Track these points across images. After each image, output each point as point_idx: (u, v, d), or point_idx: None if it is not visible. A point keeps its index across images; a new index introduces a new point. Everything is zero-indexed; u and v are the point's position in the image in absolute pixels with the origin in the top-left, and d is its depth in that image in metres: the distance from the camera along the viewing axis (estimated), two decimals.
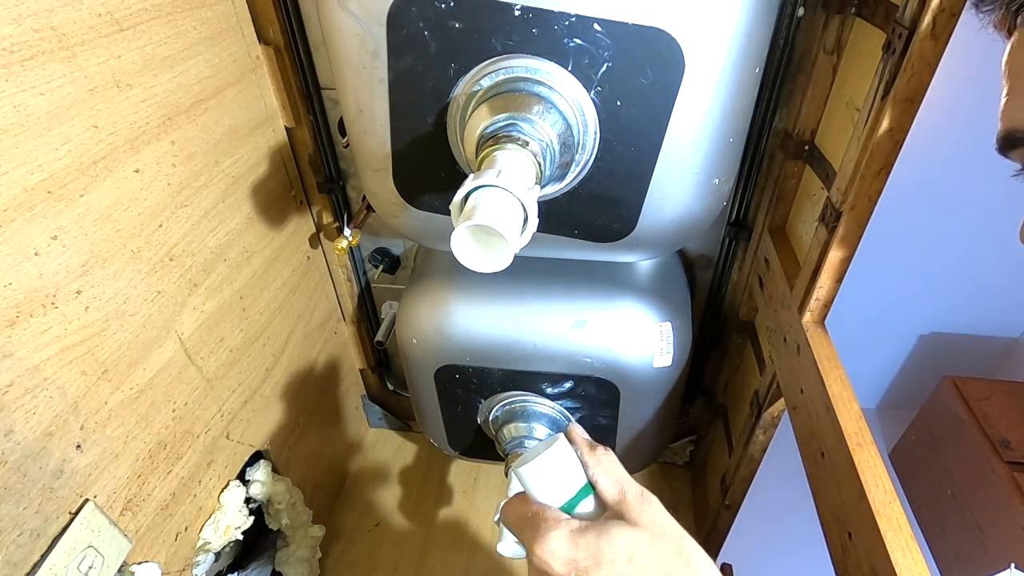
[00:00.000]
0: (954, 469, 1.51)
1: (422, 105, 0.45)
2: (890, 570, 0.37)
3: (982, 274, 1.71)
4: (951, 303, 1.80)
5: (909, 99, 0.41)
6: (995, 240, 1.62)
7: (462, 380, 0.65)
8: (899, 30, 0.40)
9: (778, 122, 0.64)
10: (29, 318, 0.39)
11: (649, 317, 0.61)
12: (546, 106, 0.40)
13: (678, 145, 0.44)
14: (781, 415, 0.66)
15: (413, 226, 0.55)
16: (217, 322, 0.60)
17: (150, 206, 0.50)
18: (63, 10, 0.40)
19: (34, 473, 0.40)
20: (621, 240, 0.52)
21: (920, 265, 1.72)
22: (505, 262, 0.35)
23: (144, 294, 0.50)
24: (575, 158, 0.44)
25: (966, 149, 1.45)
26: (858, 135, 0.45)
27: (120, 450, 0.48)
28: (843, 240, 0.49)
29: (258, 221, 0.66)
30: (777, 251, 0.65)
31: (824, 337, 0.54)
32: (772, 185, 0.67)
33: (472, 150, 0.40)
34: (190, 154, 0.54)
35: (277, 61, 0.65)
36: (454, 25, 0.40)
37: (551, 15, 0.39)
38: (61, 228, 0.41)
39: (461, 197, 0.35)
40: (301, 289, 0.77)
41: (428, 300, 0.64)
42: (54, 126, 0.40)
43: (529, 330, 0.61)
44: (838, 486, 0.46)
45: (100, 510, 0.45)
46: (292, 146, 0.72)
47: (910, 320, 1.87)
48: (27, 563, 0.40)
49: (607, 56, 0.40)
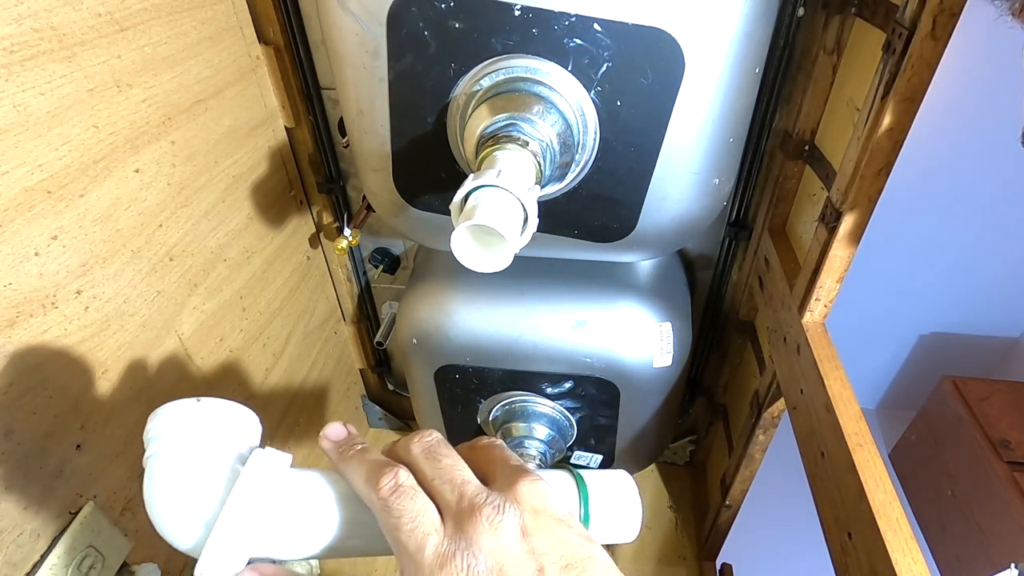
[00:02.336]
0: (954, 469, 1.51)
1: (422, 105, 0.45)
2: (890, 570, 0.37)
3: (982, 274, 1.71)
4: (951, 303, 1.80)
5: (909, 99, 0.41)
6: (995, 240, 1.62)
7: (462, 380, 0.65)
8: (899, 30, 0.40)
9: (778, 122, 0.64)
10: (29, 318, 0.39)
11: (649, 317, 0.61)
12: (546, 106, 0.40)
13: (678, 145, 0.44)
14: (781, 415, 0.66)
15: (413, 226, 0.55)
16: (217, 322, 0.60)
17: (150, 206, 0.50)
18: (63, 10, 0.40)
19: (34, 473, 0.40)
20: (621, 240, 0.52)
21: (920, 265, 1.72)
22: (505, 262, 0.35)
23: (144, 294, 0.50)
24: (575, 158, 0.44)
25: (966, 149, 1.45)
26: (858, 135, 0.45)
27: (120, 450, 0.48)
28: (843, 240, 0.49)
29: (258, 221, 0.66)
30: (777, 251, 0.65)
31: (824, 337, 0.54)
32: (772, 185, 0.67)
33: (472, 150, 0.40)
34: (190, 154, 0.54)
35: (277, 61, 0.65)
36: (454, 25, 0.40)
37: (551, 15, 0.39)
38: (61, 228, 0.41)
39: (461, 197, 0.35)
40: (301, 289, 0.77)
41: (428, 300, 0.64)
42: (54, 126, 0.40)
43: (529, 330, 0.61)
44: (838, 486, 0.46)
45: (100, 510, 0.45)
46: (292, 146, 0.72)
47: (910, 320, 1.87)
48: (27, 563, 0.40)
49: (607, 56, 0.40)
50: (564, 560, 0.25)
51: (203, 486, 0.28)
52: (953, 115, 1.40)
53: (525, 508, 0.26)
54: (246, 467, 0.28)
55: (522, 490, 0.27)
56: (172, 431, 0.29)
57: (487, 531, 0.25)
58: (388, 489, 0.26)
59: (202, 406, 0.30)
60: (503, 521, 0.25)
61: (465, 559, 0.24)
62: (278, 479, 0.28)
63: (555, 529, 0.26)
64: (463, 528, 0.25)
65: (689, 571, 0.84)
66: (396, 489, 0.26)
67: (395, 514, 0.26)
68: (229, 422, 0.30)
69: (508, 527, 0.25)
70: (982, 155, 1.44)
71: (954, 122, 1.41)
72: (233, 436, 0.30)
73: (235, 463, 0.29)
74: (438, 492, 0.27)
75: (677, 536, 0.90)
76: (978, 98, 1.32)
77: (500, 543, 0.25)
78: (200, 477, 0.28)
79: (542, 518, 0.26)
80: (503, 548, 0.25)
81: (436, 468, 0.28)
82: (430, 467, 0.28)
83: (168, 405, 0.30)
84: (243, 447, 0.30)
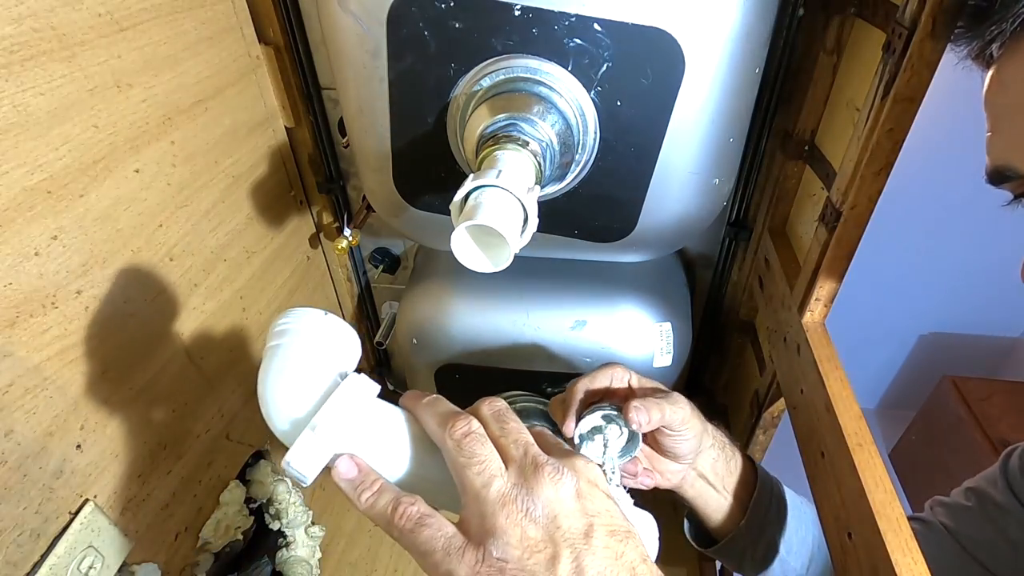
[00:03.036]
0: (954, 469, 1.51)
1: (422, 105, 0.45)
2: (890, 570, 0.37)
3: (982, 274, 1.71)
4: (951, 303, 1.80)
5: (909, 99, 0.41)
6: (995, 240, 1.62)
7: (462, 380, 0.65)
8: (899, 30, 0.40)
9: (778, 122, 0.64)
10: (29, 318, 0.39)
11: (649, 317, 0.61)
12: (546, 106, 0.41)
13: (678, 145, 0.44)
14: (781, 415, 0.66)
15: (413, 226, 0.55)
16: (217, 322, 0.60)
17: (150, 206, 0.50)
18: (63, 10, 0.40)
19: (34, 473, 0.40)
20: (621, 240, 0.52)
21: (920, 265, 1.73)
22: (505, 262, 0.35)
23: (144, 294, 0.50)
24: (575, 158, 0.44)
25: (966, 149, 1.45)
26: (858, 135, 0.45)
27: (120, 450, 0.48)
28: (843, 240, 0.49)
29: (258, 221, 0.66)
30: (777, 251, 0.65)
31: (824, 337, 0.54)
32: (772, 185, 0.67)
33: (472, 150, 0.41)
34: (190, 154, 0.54)
35: (277, 61, 0.64)
36: (454, 25, 0.40)
37: (551, 15, 0.39)
38: (61, 228, 0.41)
39: (461, 197, 0.35)
40: (301, 289, 0.77)
41: (428, 300, 0.64)
42: (54, 126, 0.40)
43: (529, 330, 0.61)
44: (838, 486, 0.46)
45: (100, 510, 0.45)
46: (292, 146, 0.72)
47: (910, 320, 1.88)
48: (27, 563, 0.40)
49: (607, 56, 0.40)
50: (611, 527, 0.28)
51: (312, 384, 0.32)
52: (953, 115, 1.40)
53: (581, 477, 0.29)
54: (345, 382, 0.31)
55: (579, 464, 0.30)
56: (300, 330, 0.33)
57: (548, 484, 0.28)
58: (462, 432, 0.30)
59: (328, 320, 0.34)
60: (562, 479, 0.28)
61: (524, 503, 0.27)
62: (367, 402, 0.32)
63: (605, 501, 0.29)
64: (526, 478, 0.28)
65: (689, 571, 0.84)
66: (469, 434, 0.30)
67: (466, 454, 0.29)
68: (342, 341, 0.34)
69: (566, 485, 0.28)
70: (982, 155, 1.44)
71: (954, 122, 1.41)
72: (341, 354, 0.34)
73: (337, 377, 0.32)
74: (503, 447, 0.30)
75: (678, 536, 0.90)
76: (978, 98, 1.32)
77: (558, 495, 0.28)
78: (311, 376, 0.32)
79: (595, 489, 0.29)
80: (560, 500, 0.28)
81: (503, 428, 0.31)
82: (497, 427, 0.31)
83: (300, 309, 0.34)
84: (344, 367, 0.34)
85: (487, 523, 0.27)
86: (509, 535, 0.26)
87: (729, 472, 0.51)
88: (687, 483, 0.50)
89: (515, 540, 0.26)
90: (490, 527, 0.27)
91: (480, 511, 0.27)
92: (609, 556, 0.27)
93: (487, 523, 0.27)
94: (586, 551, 0.26)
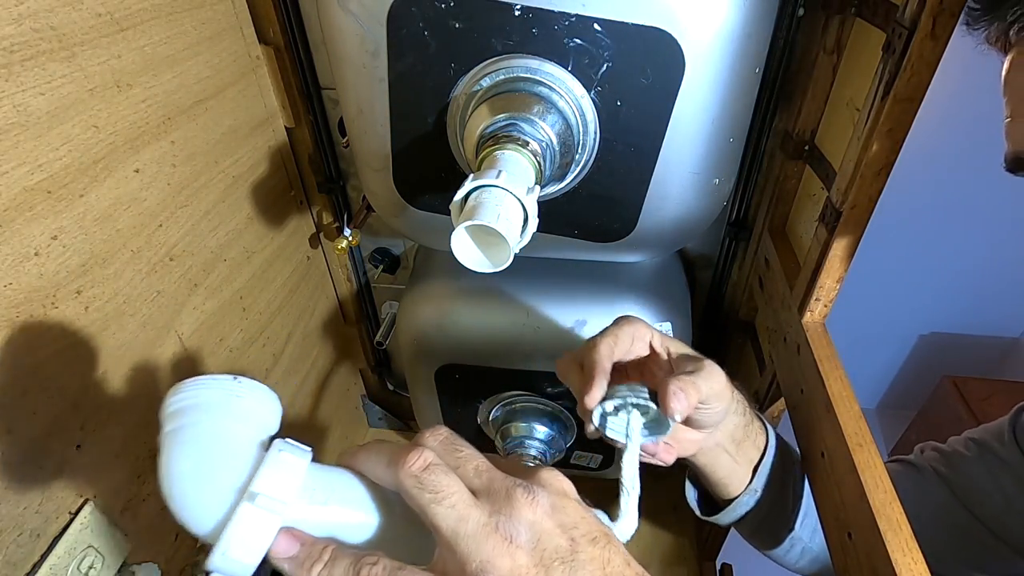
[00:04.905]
0: None
1: (422, 105, 0.45)
2: (890, 570, 0.37)
3: (982, 274, 1.71)
4: (951, 303, 1.80)
5: (909, 99, 0.41)
6: (995, 240, 1.62)
7: (462, 380, 0.65)
8: (899, 30, 0.40)
9: (778, 122, 0.64)
10: (29, 318, 0.39)
11: (649, 317, 0.61)
12: (546, 106, 0.41)
13: (678, 145, 0.44)
14: (781, 415, 0.66)
15: (413, 226, 0.55)
16: (217, 322, 0.60)
17: (150, 206, 0.50)
18: (63, 10, 0.40)
19: (34, 473, 0.40)
20: (621, 240, 0.52)
21: (920, 265, 1.73)
22: (505, 262, 0.35)
23: (144, 294, 0.50)
24: (575, 158, 0.44)
25: (966, 149, 1.45)
26: (858, 135, 0.45)
27: (120, 450, 0.48)
28: (843, 240, 0.49)
29: (258, 221, 0.66)
30: (777, 251, 0.65)
31: (824, 337, 0.54)
32: (772, 185, 0.67)
33: (472, 150, 0.40)
34: (190, 154, 0.54)
35: (277, 61, 0.65)
36: (454, 25, 0.40)
37: (551, 15, 0.39)
38: (61, 228, 0.41)
39: (461, 197, 0.35)
40: (301, 289, 0.77)
41: (428, 300, 0.64)
42: (54, 126, 0.40)
43: (529, 330, 0.61)
44: (838, 486, 0.46)
45: (100, 510, 0.45)
46: (292, 146, 0.72)
47: (910, 320, 1.88)
48: (27, 563, 0.40)
49: (607, 56, 0.40)
50: (590, 535, 0.28)
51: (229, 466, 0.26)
52: (953, 115, 1.40)
53: (552, 492, 0.28)
54: (275, 445, 0.27)
55: (545, 477, 0.29)
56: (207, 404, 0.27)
57: (525, 507, 0.27)
58: (419, 467, 0.27)
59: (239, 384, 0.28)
60: (536, 499, 0.27)
61: (507, 530, 0.26)
62: (304, 463, 0.27)
63: (578, 510, 0.29)
64: (498, 505, 0.27)
65: (689, 571, 0.84)
66: (427, 466, 0.27)
67: (431, 489, 0.27)
68: (260, 406, 0.29)
69: (542, 504, 0.27)
70: (982, 155, 1.44)
71: (954, 122, 1.41)
72: (261, 422, 0.29)
73: (259, 449, 0.28)
74: (464, 476, 0.28)
75: (678, 536, 0.90)
76: (978, 98, 1.32)
77: (536, 516, 0.27)
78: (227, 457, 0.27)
79: (566, 500, 0.29)
80: (539, 522, 0.27)
81: (457, 458, 0.29)
82: (451, 457, 0.29)
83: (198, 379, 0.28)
84: (265, 434, 0.29)
85: (472, 559, 0.25)
86: (499, 566, 0.25)
87: (747, 436, 0.49)
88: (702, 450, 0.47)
89: (506, 570, 0.25)
90: (476, 562, 0.25)
91: (460, 548, 0.26)
92: (597, 566, 0.27)
93: (472, 559, 0.25)
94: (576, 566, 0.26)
